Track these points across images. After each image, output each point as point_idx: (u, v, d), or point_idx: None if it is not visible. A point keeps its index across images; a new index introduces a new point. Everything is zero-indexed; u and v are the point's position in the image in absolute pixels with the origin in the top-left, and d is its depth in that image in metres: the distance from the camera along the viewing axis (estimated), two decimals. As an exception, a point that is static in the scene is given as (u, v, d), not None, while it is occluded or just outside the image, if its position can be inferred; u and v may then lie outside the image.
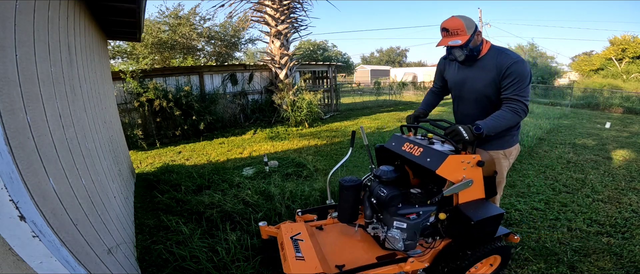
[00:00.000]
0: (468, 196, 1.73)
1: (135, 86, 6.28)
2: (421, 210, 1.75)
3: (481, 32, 1.81)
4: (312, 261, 1.69)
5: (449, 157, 1.61)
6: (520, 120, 1.78)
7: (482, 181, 1.75)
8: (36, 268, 0.91)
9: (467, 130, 1.65)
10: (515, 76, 1.70)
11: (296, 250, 1.79)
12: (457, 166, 1.64)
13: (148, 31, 10.49)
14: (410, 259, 1.73)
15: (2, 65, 0.96)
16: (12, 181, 0.86)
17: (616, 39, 20.65)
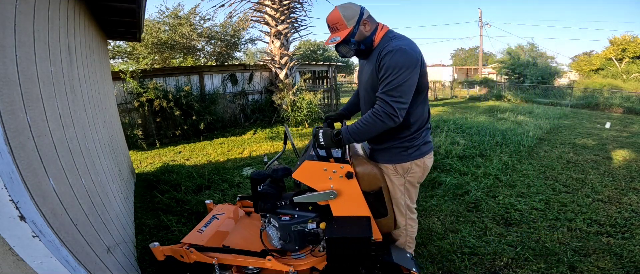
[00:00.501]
0: (343, 210, 1.59)
1: (135, 86, 6.28)
2: (297, 213, 1.64)
3: (368, 21, 1.50)
4: (206, 235, 1.86)
5: (305, 162, 1.53)
6: (386, 126, 1.41)
7: (360, 196, 1.56)
8: (36, 268, 0.91)
9: (326, 134, 1.49)
10: (387, 69, 1.38)
11: (205, 225, 1.98)
12: (316, 172, 1.53)
13: (148, 31, 10.49)
14: (268, 257, 1.62)
15: (2, 65, 0.96)
16: (12, 181, 0.86)
17: (616, 39, 20.63)
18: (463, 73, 28.64)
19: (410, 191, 1.65)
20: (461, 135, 5.83)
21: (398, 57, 1.36)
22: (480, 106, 11.76)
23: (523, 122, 7.47)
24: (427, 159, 1.60)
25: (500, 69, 19.64)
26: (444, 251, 2.32)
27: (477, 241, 2.45)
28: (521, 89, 15.51)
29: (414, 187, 1.65)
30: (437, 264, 2.18)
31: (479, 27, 21.81)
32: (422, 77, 1.44)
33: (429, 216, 2.88)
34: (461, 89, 17.99)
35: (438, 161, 4.30)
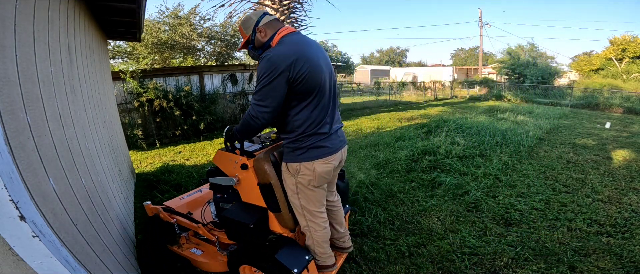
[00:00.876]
0: (247, 198, 1.79)
1: (135, 86, 6.28)
2: (227, 195, 1.96)
3: (265, 28, 1.56)
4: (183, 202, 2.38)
5: (218, 151, 1.79)
6: (253, 126, 1.48)
7: (255, 187, 1.69)
8: (36, 268, 0.91)
9: (227, 131, 1.62)
10: (256, 74, 1.46)
11: (188, 194, 2.51)
12: (226, 161, 1.75)
13: (148, 31, 10.48)
14: (199, 224, 2.08)
15: (2, 65, 0.96)
16: (12, 181, 0.86)
17: (616, 39, 20.63)
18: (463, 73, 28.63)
19: (305, 193, 1.64)
20: (461, 135, 5.83)
21: (263, 64, 1.41)
22: (480, 106, 11.76)
23: (523, 122, 7.47)
24: (317, 164, 1.56)
25: (500, 69, 19.64)
26: (444, 251, 2.33)
27: (477, 241, 2.45)
28: (521, 89, 15.50)
29: (309, 189, 1.63)
30: (437, 264, 2.18)
31: (479, 27, 21.82)
32: (300, 83, 1.44)
33: (429, 216, 2.88)
34: (461, 89, 17.99)
35: (438, 161, 4.30)
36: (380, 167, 4.28)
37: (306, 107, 1.51)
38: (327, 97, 1.58)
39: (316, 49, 1.55)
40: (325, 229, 1.78)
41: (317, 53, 1.53)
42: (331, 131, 1.60)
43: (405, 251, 2.34)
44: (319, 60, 1.52)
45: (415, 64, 49.13)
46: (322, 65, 1.54)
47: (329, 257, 1.84)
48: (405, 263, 2.20)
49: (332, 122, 1.61)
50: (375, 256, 2.28)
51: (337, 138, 1.65)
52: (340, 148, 1.66)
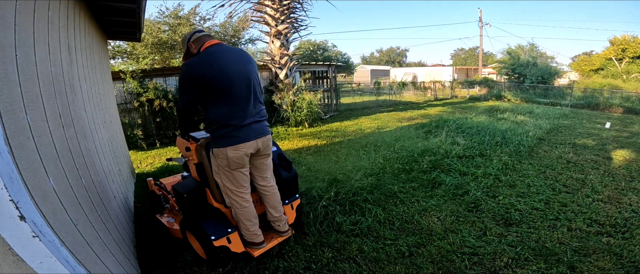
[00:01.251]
0: (193, 175, 2.24)
1: (135, 86, 6.28)
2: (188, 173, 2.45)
3: (194, 43, 1.95)
4: (175, 179, 2.90)
5: (177, 138, 2.30)
6: (178, 114, 1.99)
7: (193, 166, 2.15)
8: (36, 268, 0.91)
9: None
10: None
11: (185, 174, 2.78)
12: (181, 145, 2.26)
13: (148, 31, 10.49)
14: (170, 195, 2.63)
15: (2, 65, 0.96)
16: (12, 181, 0.86)
17: (616, 39, 20.62)
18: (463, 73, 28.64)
19: (225, 174, 1.97)
20: (461, 135, 5.83)
21: (182, 69, 1.85)
22: (480, 106, 11.76)
23: (523, 122, 7.47)
24: (229, 150, 1.88)
25: (500, 69, 19.63)
26: (444, 251, 2.33)
27: (477, 241, 2.45)
28: (521, 89, 15.50)
29: (226, 171, 1.95)
30: (437, 264, 2.18)
31: (479, 27, 21.83)
32: (208, 85, 1.80)
33: (429, 216, 2.88)
34: (461, 89, 17.99)
35: (438, 161, 4.30)
36: (380, 167, 4.28)
37: (219, 106, 1.85)
38: (242, 97, 1.89)
39: (232, 57, 1.88)
40: (245, 208, 2.04)
41: (231, 61, 1.85)
42: (243, 123, 1.89)
43: (405, 251, 2.34)
44: (232, 66, 1.85)
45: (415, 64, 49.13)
46: (236, 70, 1.85)
47: (254, 234, 2.09)
48: (405, 263, 2.20)
49: (245, 116, 1.91)
50: (375, 256, 2.28)
51: (251, 130, 1.93)
52: (253, 138, 1.94)
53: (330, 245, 2.43)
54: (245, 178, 2.01)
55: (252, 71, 1.96)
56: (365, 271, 2.13)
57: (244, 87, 1.89)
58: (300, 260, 2.25)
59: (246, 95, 1.90)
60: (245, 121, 1.90)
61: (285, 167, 2.41)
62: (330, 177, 3.74)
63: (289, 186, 2.39)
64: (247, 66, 1.93)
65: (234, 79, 1.84)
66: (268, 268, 2.16)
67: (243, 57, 1.94)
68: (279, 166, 2.39)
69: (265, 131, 2.03)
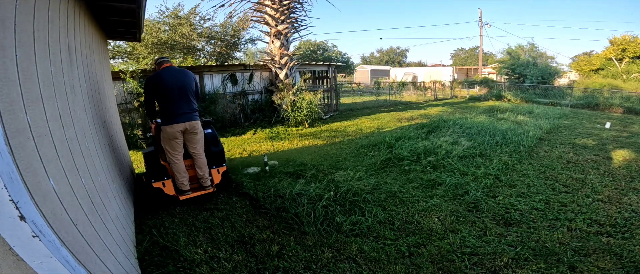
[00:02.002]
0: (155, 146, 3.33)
1: (135, 86, 6.28)
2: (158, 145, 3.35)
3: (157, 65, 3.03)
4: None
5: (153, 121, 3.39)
6: (144, 108, 3.40)
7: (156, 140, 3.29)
8: (36, 268, 0.91)
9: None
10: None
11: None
12: (151, 126, 3.50)
13: (148, 31, 10.49)
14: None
15: (2, 65, 0.96)
16: (12, 181, 0.86)
17: (616, 39, 20.61)
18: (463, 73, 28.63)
19: (166, 142, 2.98)
20: (461, 135, 5.82)
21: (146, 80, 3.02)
22: (480, 106, 11.77)
23: (523, 122, 7.47)
24: (167, 127, 2.91)
25: (500, 69, 19.63)
26: (444, 251, 2.33)
27: (477, 241, 2.45)
28: (521, 89, 15.50)
29: (167, 140, 2.97)
30: (437, 264, 2.18)
31: (479, 27, 21.83)
32: (156, 92, 2.92)
33: (429, 216, 2.88)
34: (461, 89, 17.99)
35: (438, 161, 4.30)
36: (380, 167, 4.28)
37: (165, 104, 2.91)
38: (175, 97, 2.90)
39: (172, 74, 2.92)
40: (176, 164, 3.03)
41: (171, 76, 2.90)
42: (177, 113, 2.91)
43: (405, 251, 2.34)
44: (170, 79, 2.88)
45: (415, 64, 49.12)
46: (172, 82, 2.88)
47: (182, 184, 3.07)
48: (405, 263, 2.20)
49: (176, 109, 2.91)
50: (375, 256, 2.28)
51: (181, 117, 2.93)
52: (182, 122, 2.93)
53: (330, 245, 2.43)
54: (177, 146, 3.00)
55: (186, 82, 2.96)
56: (365, 271, 2.13)
57: (177, 92, 2.90)
58: (300, 260, 2.25)
59: (178, 96, 2.91)
60: (178, 112, 2.91)
61: (214, 144, 3.40)
62: (329, 178, 3.74)
63: (215, 156, 3.34)
64: (182, 79, 2.94)
65: (171, 87, 2.87)
66: (268, 268, 2.16)
67: (180, 74, 2.96)
68: (210, 143, 3.36)
69: (192, 118, 3.00)
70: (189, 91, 2.99)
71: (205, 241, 2.51)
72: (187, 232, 2.65)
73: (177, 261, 2.25)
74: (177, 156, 3.02)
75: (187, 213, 3.02)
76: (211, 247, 2.42)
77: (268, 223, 2.81)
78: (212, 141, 3.40)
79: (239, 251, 2.37)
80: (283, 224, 2.77)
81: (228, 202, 3.25)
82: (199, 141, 3.13)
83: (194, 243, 2.47)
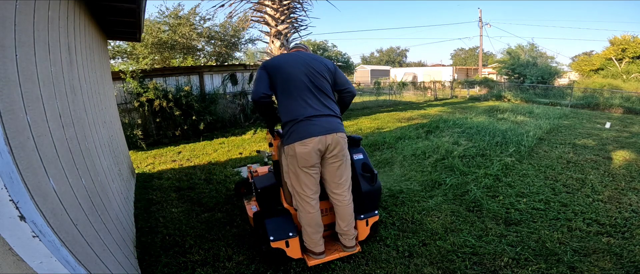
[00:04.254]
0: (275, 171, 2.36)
1: (135, 86, 6.28)
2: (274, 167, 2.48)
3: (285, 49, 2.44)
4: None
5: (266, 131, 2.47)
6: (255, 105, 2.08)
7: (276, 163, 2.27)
8: (36, 268, 0.91)
9: None
10: None
11: None
12: (268, 139, 2.39)
13: (148, 31, 10.48)
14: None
15: (2, 65, 0.96)
16: (12, 181, 0.86)
17: (616, 39, 20.59)
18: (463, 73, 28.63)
19: (293, 174, 1.95)
20: (461, 135, 5.82)
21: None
22: (480, 106, 11.76)
23: (523, 123, 7.47)
24: (297, 146, 1.86)
25: (500, 69, 19.63)
26: (444, 251, 2.32)
27: (477, 241, 2.45)
28: (521, 89, 15.49)
29: (294, 172, 1.93)
30: (437, 265, 2.18)
31: (479, 27, 21.83)
32: (275, 79, 1.93)
33: (429, 216, 2.88)
34: (461, 89, 17.99)
35: (438, 161, 4.30)
36: (380, 168, 4.28)
37: (286, 101, 1.95)
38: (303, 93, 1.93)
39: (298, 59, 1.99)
40: (310, 215, 1.97)
41: (296, 61, 1.98)
42: (308, 118, 1.89)
43: (405, 251, 2.34)
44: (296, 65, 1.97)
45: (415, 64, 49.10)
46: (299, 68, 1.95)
47: (314, 243, 2.02)
48: (405, 262, 2.20)
49: (305, 113, 1.91)
50: (375, 256, 2.28)
51: (316, 126, 1.89)
52: (318, 135, 1.87)
53: (330, 245, 2.43)
54: (314, 182, 1.95)
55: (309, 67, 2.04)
56: (365, 271, 2.13)
57: (306, 83, 2.00)
58: (300, 260, 2.25)
59: (307, 90, 1.98)
60: (308, 114, 1.92)
61: (367, 178, 2.20)
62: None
63: (367, 199, 2.18)
64: (309, 64, 2.05)
65: (295, 76, 1.96)
66: (268, 269, 2.16)
67: (305, 58, 2.05)
68: (361, 176, 2.19)
69: (335, 127, 1.94)
70: (316, 82, 1.96)
71: (208, 241, 2.50)
72: (188, 232, 2.65)
73: (178, 261, 2.25)
74: (311, 200, 1.96)
75: (187, 212, 3.02)
76: (213, 247, 2.42)
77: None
78: (364, 174, 2.21)
79: (240, 251, 2.37)
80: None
81: (228, 202, 3.25)
82: (345, 171, 2.02)
83: (196, 243, 2.47)
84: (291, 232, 2.00)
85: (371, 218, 2.20)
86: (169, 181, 3.93)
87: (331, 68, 2.04)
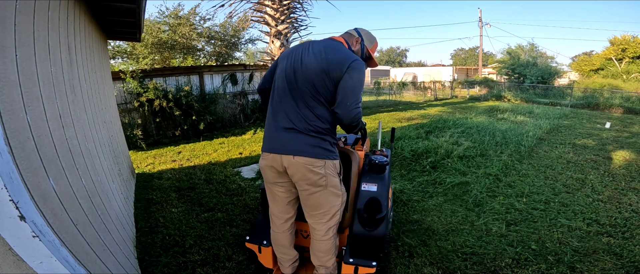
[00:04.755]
0: None
1: (135, 86, 6.28)
2: None
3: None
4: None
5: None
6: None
7: None
8: (36, 268, 0.91)
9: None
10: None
11: None
12: None
13: (148, 31, 10.48)
14: None
15: (2, 65, 0.96)
16: (12, 181, 0.86)
17: (616, 39, 20.60)
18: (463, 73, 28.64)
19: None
20: (461, 135, 5.82)
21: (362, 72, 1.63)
22: (480, 106, 11.76)
23: (523, 123, 7.47)
24: (262, 155, 1.62)
25: (500, 69, 19.64)
26: (445, 251, 2.32)
27: (477, 241, 2.45)
28: (521, 89, 15.50)
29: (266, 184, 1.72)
30: (437, 265, 2.18)
31: (479, 27, 21.83)
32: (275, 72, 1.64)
33: (429, 216, 2.88)
34: (461, 89, 17.99)
35: (438, 161, 4.30)
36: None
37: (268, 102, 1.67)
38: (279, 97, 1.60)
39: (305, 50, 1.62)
40: (274, 233, 1.75)
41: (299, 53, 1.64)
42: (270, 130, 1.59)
43: (405, 251, 2.34)
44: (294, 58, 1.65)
45: (415, 64, 49.09)
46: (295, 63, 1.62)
47: (282, 264, 1.80)
48: (405, 262, 2.20)
49: (271, 124, 1.60)
50: (375, 256, 2.28)
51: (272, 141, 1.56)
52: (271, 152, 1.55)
53: (330, 245, 2.43)
54: (277, 197, 1.67)
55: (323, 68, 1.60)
56: (365, 271, 2.13)
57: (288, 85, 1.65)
58: (300, 260, 2.25)
59: (283, 93, 1.65)
60: (273, 126, 1.60)
61: (363, 220, 1.77)
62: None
63: (358, 244, 1.72)
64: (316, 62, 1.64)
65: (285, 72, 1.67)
66: (268, 268, 2.16)
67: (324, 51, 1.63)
68: (358, 213, 1.78)
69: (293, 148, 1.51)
70: (315, 87, 1.50)
71: (208, 241, 2.50)
72: (188, 232, 2.65)
73: (178, 261, 2.25)
74: (277, 219, 1.73)
75: (187, 212, 3.02)
76: (213, 247, 2.42)
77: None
78: (366, 210, 1.77)
79: (240, 251, 2.37)
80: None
81: (228, 202, 3.25)
82: (321, 202, 1.59)
83: (196, 243, 2.47)
84: (266, 240, 1.82)
85: (362, 268, 1.62)
86: (169, 181, 3.93)
87: (336, 72, 1.46)
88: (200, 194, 3.49)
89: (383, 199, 1.78)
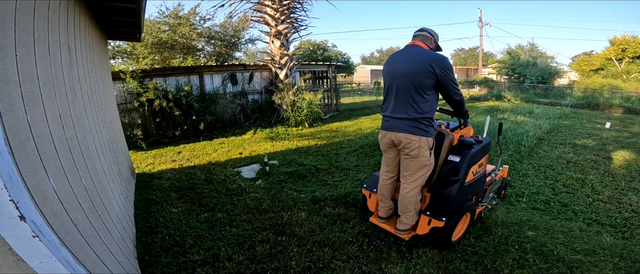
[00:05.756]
0: None
1: (135, 86, 6.28)
2: None
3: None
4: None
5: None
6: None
7: None
8: (36, 268, 0.91)
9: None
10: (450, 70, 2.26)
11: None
12: None
13: (148, 31, 10.48)
14: None
15: (2, 65, 0.96)
16: (12, 181, 0.86)
17: (616, 39, 20.61)
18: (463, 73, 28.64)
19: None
20: (461, 135, 5.82)
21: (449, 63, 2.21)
22: (480, 106, 11.76)
23: (523, 123, 7.47)
24: (380, 133, 2.36)
25: (500, 69, 19.64)
26: (444, 251, 2.32)
27: (477, 241, 2.45)
28: (521, 89, 15.50)
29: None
30: (437, 264, 2.18)
31: (479, 27, 21.82)
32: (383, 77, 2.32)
33: (429, 216, 2.88)
34: (461, 89, 17.97)
35: (438, 161, 4.29)
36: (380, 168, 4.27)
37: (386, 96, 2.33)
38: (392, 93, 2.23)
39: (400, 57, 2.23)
40: (381, 186, 2.45)
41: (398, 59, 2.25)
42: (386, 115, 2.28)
43: (405, 251, 2.34)
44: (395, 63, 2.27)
45: (415, 64, 48.92)
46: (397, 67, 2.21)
47: (380, 208, 2.52)
48: (405, 263, 2.20)
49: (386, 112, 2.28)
50: (376, 256, 2.27)
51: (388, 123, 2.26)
52: (386, 130, 2.27)
53: (330, 245, 2.43)
54: (388, 163, 2.40)
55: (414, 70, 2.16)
56: (365, 271, 2.13)
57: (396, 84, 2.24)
58: (300, 260, 2.24)
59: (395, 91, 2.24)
60: (387, 113, 2.28)
61: (441, 180, 2.29)
62: (329, 179, 3.74)
63: (432, 200, 2.30)
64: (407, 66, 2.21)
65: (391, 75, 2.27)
66: (268, 269, 2.16)
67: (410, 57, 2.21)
68: (439, 176, 2.31)
69: (401, 127, 2.16)
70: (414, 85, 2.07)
71: (208, 241, 2.50)
72: (188, 232, 2.65)
73: (178, 261, 2.25)
74: (383, 176, 2.45)
75: (187, 212, 3.02)
76: (213, 247, 2.42)
77: (269, 224, 2.81)
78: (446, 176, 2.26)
79: (240, 251, 2.37)
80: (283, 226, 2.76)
81: (228, 202, 3.25)
82: (412, 166, 2.19)
83: (196, 243, 2.47)
84: (376, 189, 2.53)
85: (434, 221, 2.20)
86: (169, 181, 3.93)
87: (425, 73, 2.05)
88: (200, 194, 3.49)
89: (462, 168, 2.26)
